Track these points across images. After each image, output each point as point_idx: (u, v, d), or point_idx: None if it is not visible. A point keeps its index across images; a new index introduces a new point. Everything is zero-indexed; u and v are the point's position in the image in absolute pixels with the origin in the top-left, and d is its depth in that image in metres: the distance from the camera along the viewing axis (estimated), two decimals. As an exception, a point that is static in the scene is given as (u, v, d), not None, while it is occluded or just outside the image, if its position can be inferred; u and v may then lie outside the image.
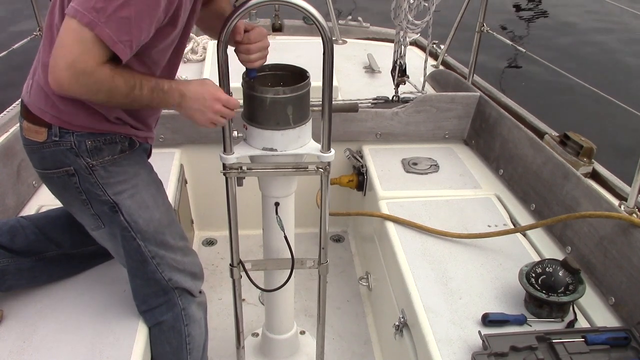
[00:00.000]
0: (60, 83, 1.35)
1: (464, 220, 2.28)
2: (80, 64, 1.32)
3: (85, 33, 1.31)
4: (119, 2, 1.30)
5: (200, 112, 1.54)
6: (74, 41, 1.32)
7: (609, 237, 1.88)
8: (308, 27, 3.76)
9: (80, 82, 1.35)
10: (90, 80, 1.35)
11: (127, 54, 1.37)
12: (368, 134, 2.80)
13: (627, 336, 1.64)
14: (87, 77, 1.35)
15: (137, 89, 1.43)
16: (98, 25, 1.30)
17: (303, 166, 1.72)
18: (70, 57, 1.32)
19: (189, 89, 1.52)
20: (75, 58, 1.32)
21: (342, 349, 2.41)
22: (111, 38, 1.32)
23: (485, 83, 3.08)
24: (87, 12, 1.29)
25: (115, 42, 1.33)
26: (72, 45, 1.32)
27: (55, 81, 1.35)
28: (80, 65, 1.32)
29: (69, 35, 1.32)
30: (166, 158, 2.61)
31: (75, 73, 1.33)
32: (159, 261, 1.70)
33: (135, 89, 1.43)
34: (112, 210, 1.63)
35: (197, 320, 1.83)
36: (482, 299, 1.87)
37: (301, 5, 1.51)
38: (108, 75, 1.37)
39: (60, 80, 1.34)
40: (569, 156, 2.36)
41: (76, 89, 1.37)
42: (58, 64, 1.33)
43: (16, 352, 1.66)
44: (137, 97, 1.45)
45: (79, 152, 1.56)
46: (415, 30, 2.72)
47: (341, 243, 3.05)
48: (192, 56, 3.43)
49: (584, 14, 8.45)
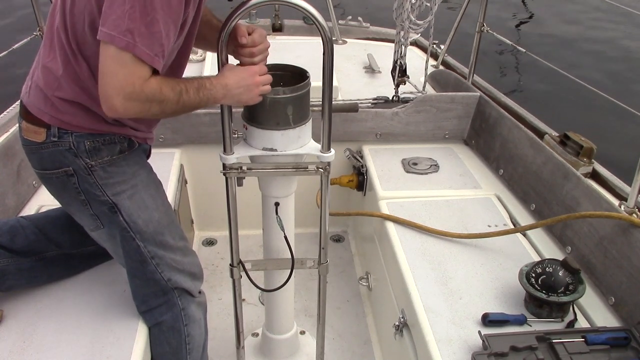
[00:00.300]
0: (115, 110, 1.39)
1: (464, 220, 2.28)
2: (129, 87, 1.36)
3: (125, 56, 1.34)
4: (148, 19, 1.33)
5: (247, 92, 1.57)
6: (117, 67, 1.35)
7: (609, 237, 1.88)
8: (308, 27, 3.76)
9: (133, 104, 1.39)
10: (141, 99, 1.39)
11: (162, 64, 1.41)
12: (368, 134, 2.80)
13: (627, 336, 1.64)
14: (138, 97, 1.38)
15: (184, 94, 1.46)
16: (136, 47, 1.33)
17: (303, 166, 1.72)
18: (117, 83, 1.35)
19: (228, 78, 1.54)
20: (123, 83, 1.35)
21: (342, 349, 2.41)
22: (149, 55, 1.36)
23: (485, 83, 3.08)
24: (122, 35, 1.32)
25: (153, 57, 1.37)
26: (116, 71, 1.35)
27: (110, 109, 1.39)
28: (128, 88, 1.36)
29: (110, 62, 1.35)
30: (166, 158, 2.61)
31: (126, 97, 1.37)
32: (158, 261, 1.70)
33: (183, 94, 1.46)
34: (112, 211, 1.63)
35: (196, 320, 1.83)
36: (482, 299, 1.87)
37: (301, 5, 1.52)
38: (156, 89, 1.40)
39: (115, 107, 1.38)
40: (569, 156, 2.36)
41: (131, 111, 1.41)
42: (108, 93, 1.37)
43: (16, 352, 1.66)
44: (186, 101, 1.47)
45: (78, 152, 1.56)
46: (417, 31, 2.72)
47: (341, 243, 3.05)
48: (192, 56, 3.42)
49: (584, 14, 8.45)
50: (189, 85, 1.48)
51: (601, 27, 7.94)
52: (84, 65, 1.49)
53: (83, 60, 1.49)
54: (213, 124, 2.64)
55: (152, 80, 1.40)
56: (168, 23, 1.37)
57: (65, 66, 1.51)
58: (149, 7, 1.32)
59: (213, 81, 1.53)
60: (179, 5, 1.39)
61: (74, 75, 1.51)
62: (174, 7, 1.37)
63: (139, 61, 1.35)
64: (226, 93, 1.54)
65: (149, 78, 1.39)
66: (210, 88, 1.51)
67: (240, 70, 1.58)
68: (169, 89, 1.43)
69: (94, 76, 1.51)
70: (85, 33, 1.46)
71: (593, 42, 7.49)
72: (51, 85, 1.53)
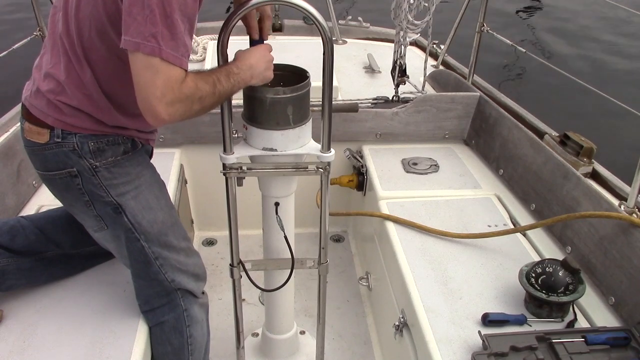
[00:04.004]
0: (160, 118, 1.38)
1: (464, 220, 2.28)
2: (169, 93, 1.35)
3: (154, 61, 1.33)
4: (169, 21, 1.32)
5: (268, 69, 1.59)
6: (152, 75, 1.34)
7: (609, 237, 1.88)
8: (308, 27, 3.76)
9: (176, 108, 1.38)
10: (182, 100, 1.38)
11: (187, 62, 1.41)
12: (368, 134, 2.80)
13: (627, 336, 1.64)
14: (178, 99, 1.37)
15: (218, 84, 1.46)
16: (162, 50, 1.32)
17: (303, 166, 1.72)
18: (158, 92, 1.34)
19: (249, 59, 1.55)
20: (163, 90, 1.34)
21: (342, 349, 2.41)
22: (174, 57, 1.35)
23: (485, 83, 3.08)
24: (146, 41, 1.31)
25: (178, 58, 1.36)
26: (153, 80, 1.34)
27: (155, 119, 1.38)
28: (169, 94, 1.35)
29: (143, 72, 1.34)
30: (166, 158, 2.61)
31: (168, 103, 1.36)
32: (162, 262, 1.70)
33: (217, 85, 1.46)
34: (116, 212, 1.62)
35: (199, 322, 1.83)
36: (482, 299, 1.87)
37: (301, 5, 1.52)
38: (192, 87, 1.40)
39: (160, 116, 1.37)
40: (569, 156, 2.36)
41: (176, 114, 1.40)
42: (151, 103, 1.35)
43: (16, 352, 1.66)
44: (221, 91, 1.47)
45: (82, 153, 1.56)
46: (415, 31, 2.72)
47: (341, 243, 3.05)
48: (192, 56, 3.42)
49: (584, 14, 8.45)
50: (219, 74, 1.48)
51: (602, 26, 7.94)
52: (88, 71, 1.49)
53: (87, 66, 1.49)
54: (213, 124, 2.63)
55: (188, 80, 1.39)
56: (185, 22, 1.37)
57: (69, 73, 1.50)
58: (167, 9, 1.32)
59: (238, 64, 1.52)
60: (194, 3, 1.39)
61: (77, 81, 1.51)
62: (189, 6, 1.37)
63: (169, 64, 1.34)
64: (253, 73, 1.54)
65: (185, 78, 1.39)
66: (238, 72, 1.51)
67: (256, 50, 1.59)
68: (204, 83, 1.43)
69: (97, 82, 1.51)
70: (92, 38, 1.46)
71: (593, 42, 7.49)
72: (54, 91, 1.53)
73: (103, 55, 1.48)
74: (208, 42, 3.52)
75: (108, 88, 1.53)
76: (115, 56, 1.46)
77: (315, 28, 1.54)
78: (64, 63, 1.50)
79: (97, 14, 1.42)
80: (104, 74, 1.51)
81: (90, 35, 1.46)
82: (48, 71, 1.53)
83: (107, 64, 1.49)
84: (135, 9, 1.31)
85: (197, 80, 1.42)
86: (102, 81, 1.51)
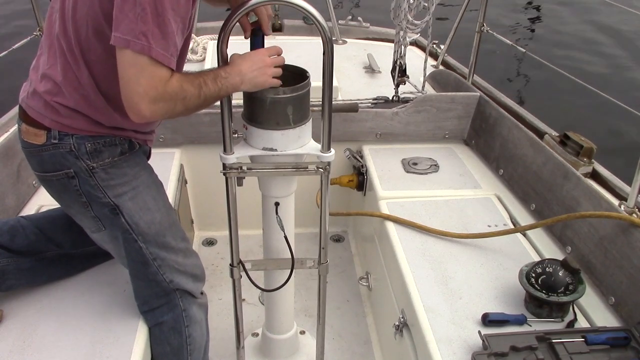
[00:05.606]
0: (142, 116, 1.39)
1: (464, 220, 2.28)
2: (151, 90, 1.36)
3: (142, 60, 1.34)
4: (160, 20, 1.33)
5: (261, 75, 1.56)
6: (137, 73, 1.35)
7: (609, 237, 1.88)
8: (308, 27, 3.76)
9: (159, 106, 1.39)
10: (166, 99, 1.39)
11: (175, 62, 1.41)
12: (368, 134, 2.80)
13: (627, 336, 1.64)
14: (162, 98, 1.38)
15: (204, 86, 1.46)
16: (152, 49, 1.33)
17: (303, 166, 1.72)
18: (141, 89, 1.35)
19: (240, 64, 1.54)
20: (146, 88, 1.36)
21: (342, 349, 2.41)
22: (164, 56, 1.36)
23: (485, 83, 3.07)
24: (136, 39, 1.32)
25: (167, 57, 1.37)
26: (137, 77, 1.35)
27: (137, 116, 1.39)
28: (151, 92, 1.36)
29: (129, 68, 1.35)
30: (166, 158, 2.61)
31: (151, 100, 1.37)
32: (160, 263, 1.70)
33: (203, 87, 1.46)
34: (113, 213, 1.62)
35: (198, 322, 1.84)
36: (482, 299, 1.87)
37: (301, 5, 1.52)
38: (177, 87, 1.41)
39: (141, 113, 1.38)
40: (569, 156, 2.36)
41: (158, 113, 1.41)
42: (133, 100, 1.37)
43: (16, 352, 1.66)
44: (207, 93, 1.47)
45: (79, 154, 1.56)
46: (414, 30, 2.72)
47: (341, 243, 3.05)
48: (192, 56, 3.42)
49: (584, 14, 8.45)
50: (206, 77, 1.48)
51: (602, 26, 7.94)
52: (85, 71, 1.49)
53: (85, 66, 1.49)
54: (213, 124, 2.63)
55: (173, 79, 1.40)
56: (178, 22, 1.38)
57: (65, 73, 1.50)
58: (159, 7, 1.32)
59: (227, 69, 1.52)
60: (187, 3, 1.39)
61: (74, 82, 1.51)
62: (182, 5, 1.37)
63: (157, 63, 1.35)
64: (242, 78, 1.54)
65: (170, 78, 1.39)
66: (226, 76, 1.51)
67: (250, 55, 1.58)
68: (189, 84, 1.44)
69: (95, 83, 1.51)
70: (89, 38, 1.46)
71: (593, 41, 7.49)
72: (51, 92, 1.53)
73: (100, 55, 1.47)
74: (208, 42, 3.51)
75: (105, 88, 1.52)
76: (112, 56, 1.46)
77: (315, 28, 1.54)
78: (61, 64, 1.50)
79: (93, 14, 1.42)
80: (102, 73, 1.50)
81: (87, 35, 1.46)
82: (45, 72, 1.53)
83: (104, 63, 1.48)
84: (127, 6, 1.31)
85: (183, 81, 1.42)
86: (100, 81, 1.51)
